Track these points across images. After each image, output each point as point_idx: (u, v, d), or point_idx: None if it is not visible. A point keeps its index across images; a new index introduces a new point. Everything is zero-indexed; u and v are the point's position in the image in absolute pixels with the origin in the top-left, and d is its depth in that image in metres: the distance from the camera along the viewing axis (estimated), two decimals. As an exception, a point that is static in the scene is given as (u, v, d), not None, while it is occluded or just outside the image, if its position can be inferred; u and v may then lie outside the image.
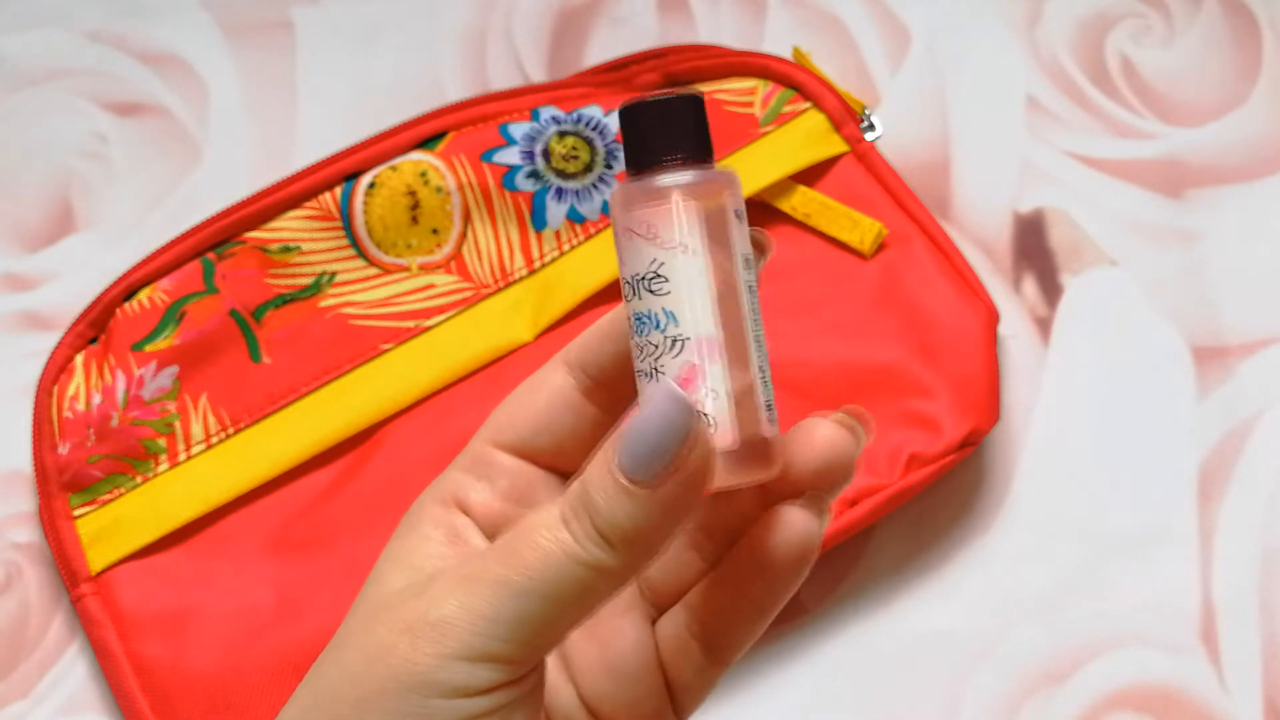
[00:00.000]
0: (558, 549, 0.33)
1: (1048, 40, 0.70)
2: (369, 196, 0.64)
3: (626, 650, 0.38)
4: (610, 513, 0.33)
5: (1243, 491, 0.62)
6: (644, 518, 0.33)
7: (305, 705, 0.35)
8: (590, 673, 0.38)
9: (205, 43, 0.71)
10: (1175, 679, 0.60)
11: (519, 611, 0.33)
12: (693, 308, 0.34)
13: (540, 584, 0.33)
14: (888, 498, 0.60)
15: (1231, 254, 0.66)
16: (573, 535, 0.33)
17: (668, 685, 0.39)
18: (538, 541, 0.33)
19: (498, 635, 0.33)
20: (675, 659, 0.38)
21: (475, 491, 0.37)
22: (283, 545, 0.61)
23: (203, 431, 0.62)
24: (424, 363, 0.62)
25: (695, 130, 0.35)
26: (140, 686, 0.59)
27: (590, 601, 0.34)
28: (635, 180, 0.35)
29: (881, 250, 0.64)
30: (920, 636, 0.61)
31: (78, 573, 0.60)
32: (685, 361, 0.34)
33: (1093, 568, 0.62)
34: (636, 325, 0.34)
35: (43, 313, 0.67)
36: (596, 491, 0.33)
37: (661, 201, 0.34)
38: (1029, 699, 0.60)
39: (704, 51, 0.67)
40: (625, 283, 0.35)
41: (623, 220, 0.34)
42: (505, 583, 0.33)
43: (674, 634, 0.39)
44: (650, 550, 0.34)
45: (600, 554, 0.33)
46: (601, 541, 0.33)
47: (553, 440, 0.38)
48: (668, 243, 0.33)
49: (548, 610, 0.33)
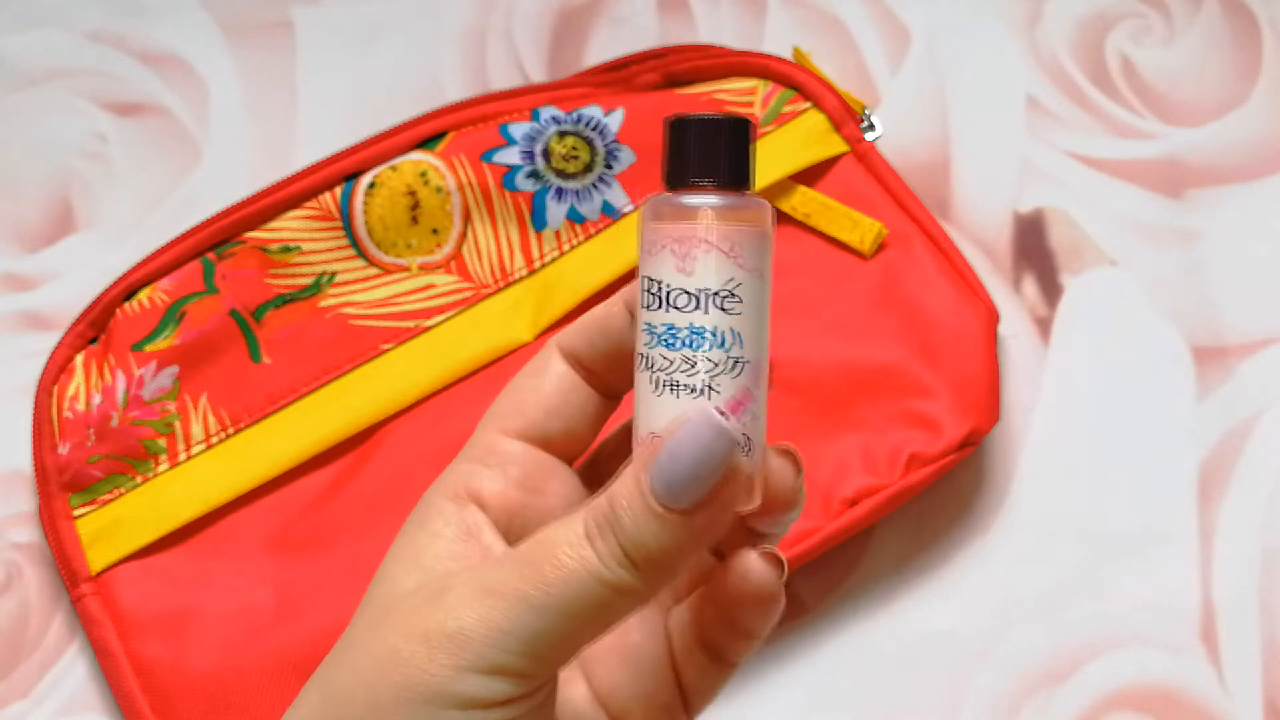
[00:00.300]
0: (580, 567, 0.33)
1: (1048, 40, 0.70)
2: (369, 196, 0.64)
3: (641, 641, 0.38)
4: (637, 534, 0.33)
5: (1243, 491, 0.62)
6: (672, 541, 0.33)
7: (313, 707, 0.35)
8: (605, 663, 0.38)
9: (205, 43, 0.71)
10: (1175, 679, 0.60)
11: (537, 628, 0.33)
12: (757, 332, 0.34)
13: (560, 601, 0.33)
14: (888, 498, 0.60)
15: (1231, 254, 0.66)
16: (596, 554, 0.33)
17: (678, 682, 0.39)
18: (560, 559, 0.33)
19: (514, 650, 0.33)
20: (684, 657, 0.38)
21: (489, 481, 0.37)
22: (283, 545, 0.61)
23: (203, 431, 0.62)
24: (424, 363, 0.62)
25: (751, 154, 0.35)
26: (140, 686, 0.59)
27: (609, 619, 0.33)
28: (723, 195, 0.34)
29: (881, 250, 0.64)
30: (920, 636, 0.61)
31: (78, 573, 0.60)
32: (742, 385, 0.34)
33: (1093, 568, 0.62)
34: (691, 337, 0.34)
35: (43, 313, 0.67)
36: (624, 512, 0.33)
37: (753, 225, 0.34)
38: (1029, 699, 0.60)
39: (704, 51, 0.67)
40: (685, 293, 0.34)
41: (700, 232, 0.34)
42: (524, 598, 0.33)
43: (680, 635, 0.39)
44: (675, 573, 0.33)
45: (624, 575, 0.33)
46: (626, 562, 0.33)
47: (564, 424, 0.38)
48: (748, 264, 0.33)
49: (566, 627, 0.33)
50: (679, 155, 0.35)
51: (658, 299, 0.34)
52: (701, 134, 0.34)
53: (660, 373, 0.34)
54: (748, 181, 0.35)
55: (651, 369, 0.34)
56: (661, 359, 0.34)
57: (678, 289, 0.34)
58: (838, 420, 0.61)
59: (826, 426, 0.61)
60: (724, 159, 0.35)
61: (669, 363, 0.34)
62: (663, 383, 0.34)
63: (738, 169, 0.35)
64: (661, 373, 0.34)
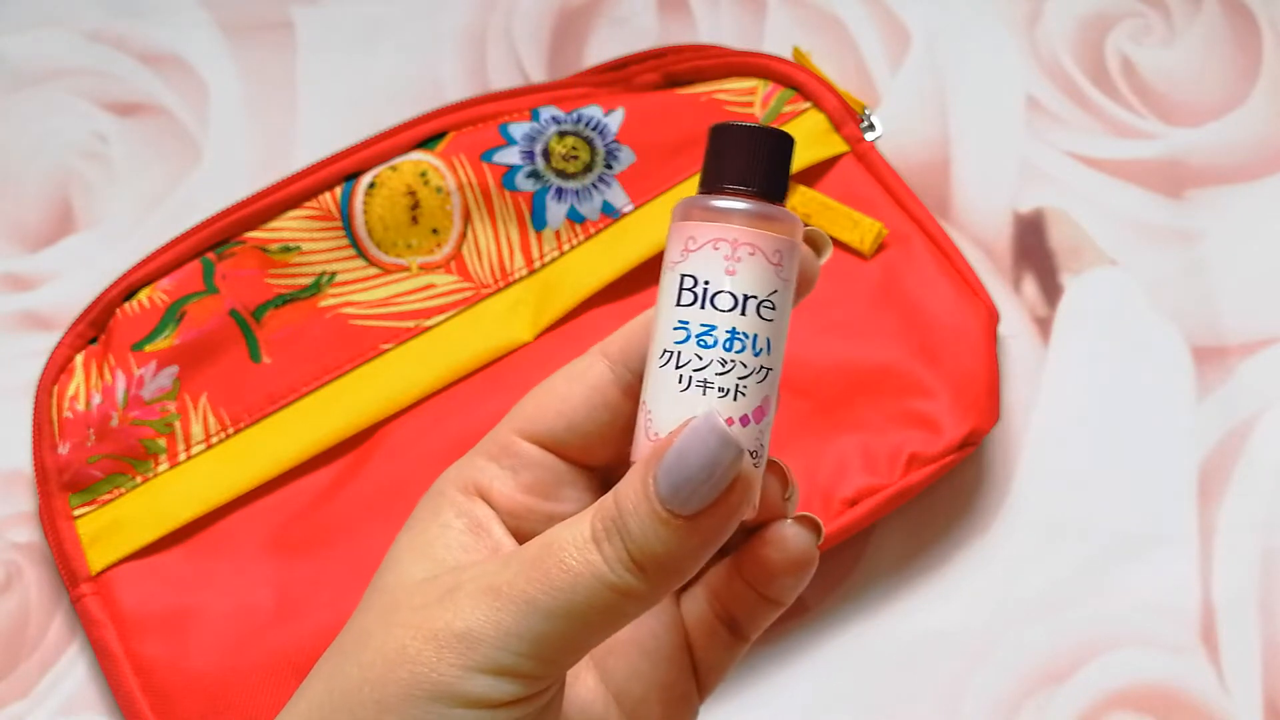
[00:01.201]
0: (587, 571, 0.33)
1: (1048, 40, 0.70)
2: (369, 196, 0.64)
3: (660, 629, 0.38)
4: (644, 539, 0.33)
5: (1243, 491, 0.62)
6: (679, 546, 0.33)
7: (319, 701, 0.35)
8: (623, 655, 0.38)
9: (205, 43, 0.71)
10: (1175, 679, 0.60)
11: (544, 631, 0.33)
12: (780, 344, 0.34)
13: (567, 605, 0.33)
14: (888, 498, 0.60)
15: (1231, 254, 0.66)
16: (604, 558, 0.33)
17: (693, 664, 0.39)
18: (567, 563, 0.33)
19: (521, 652, 0.33)
20: (702, 638, 0.39)
21: (499, 481, 0.37)
22: (283, 545, 0.61)
23: (203, 431, 0.62)
24: (424, 363, 0.62)
25: None
26: (140, 686, 0.59)
27: (616, 623, 0.33)
28: (768, 205, 0.35)
29: (881, 250, 0.64)
30: (920, 636, 0.61)
31: (77, 573, 0.60)
32: (765, 394, 0.34)
33: (1093, 568, 0.62)
34: (730, 339, 0.34)
35: (43, 313, 0.67)
36: (631, 516, 0.33)
37: (793, 237, 0.34)
38: (1029, 699, 0.60)
39: (704, 51, 0.67)
40: (729, 294, 0.34)
41: (750, 236, 0.34)
42: (532, 602, 0.33)
43: (699, 615, 0.39)
44: (682, 577, 0.33)
45: (630, 579, 0.33)
46: (633, 567, 0.33)
47: (583, 439, 0.37)
48: (787, 275, 0.34)
49: (572, 630, 0.33)
50: (733, 158, 0.35)
51: (696, 296, 0.34)
52: (759, 143, 0.35)
53: (691, 370, 0.34)
54: (785, 196, 0.36)
55: (680, 365, 0.34)
56: (695, 357, 0.34)
57: (722, 290, 0.34)
58: (838, 420, 0.61)
59: (826, 426, 0.61)
60: (774, 171, 0.35)
61: (702, 361, 0.34)
62: (694, 380, 0.34)
63: (782, 182, 0.35)
64: (693, 370, 0.34)
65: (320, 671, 0.35)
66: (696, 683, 0.39)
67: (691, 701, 0.39)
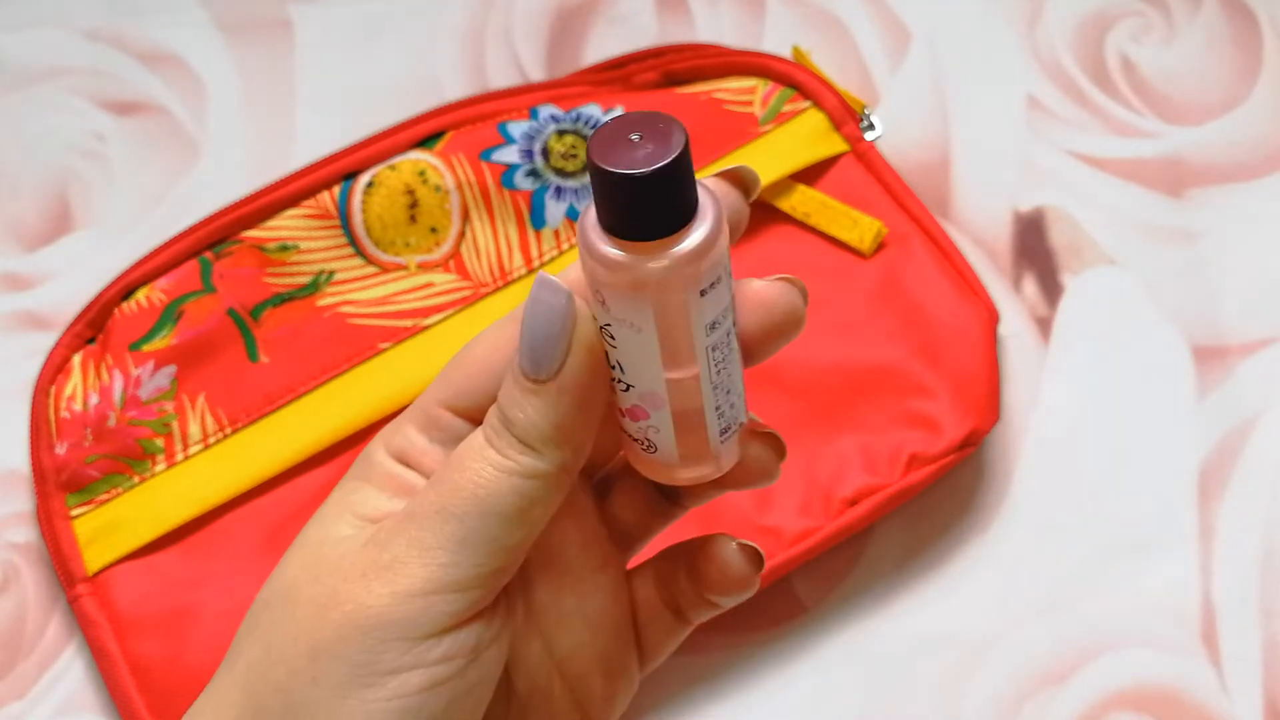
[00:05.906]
0: (488, 466, 0.34)
1: (1048, 40, 0.70)
2: (367, 195, 0.64)
3: (607, 605, 0.38)
4: (525, 418, 0.34)
5: (1243, 491, 0.62)
6: (556, 410, 0.34)
7: (255, 658, 0.35)
8: (568, 626, 0.38)
9: (203, 42, 0.71)
10: (1175, 679, 0.60)
11: (463, 535, 0.33)
12: (636, 368, 0.34)
13: (477, 502, 0.34)
14: (888, 498, 0.60)
15: (1231, 254, 0.66)
16: (498, 451, 0.34)
17: (637, 640, 0.39)
18: (470, 467, 0.34)
19: (446, 563, 0.33)
20: (648, 618, 0.39)
21: (428, 456, 0.36)
22: (280, 545, 0.61)
23: (200, 431, 0.61)
24: (422, 362, 0.62)
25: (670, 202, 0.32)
26: (137, 686, 0.59)
27: (533, 512, 0.34)
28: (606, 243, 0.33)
29: (881, 250, 0.64)
30: (920, 636, 0.61)
31: (74, 573, 0.60)
32: (629, 404, 0.35)
33: (1093, 568, 0.62)
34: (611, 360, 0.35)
35: (40, 312, 0.66)
36: (508, 405, 0.34)
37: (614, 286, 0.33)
38: (1029, 699, 0.60)
39: (703, 51, 0.67)
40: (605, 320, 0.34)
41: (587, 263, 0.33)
42: (443, 510, 0.34)
43: (647, 596, 0.39)
44: (574, 442, 0.34)
45: (527, 459, 0.34)
46: (525, 447, 0.34)
47: None
48: (616, 314, 0.33)
49: (491, 527, 0.34)
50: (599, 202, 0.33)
51: None
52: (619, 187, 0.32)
53: None
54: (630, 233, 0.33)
55: None
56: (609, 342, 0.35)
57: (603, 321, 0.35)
58: (838, 420, 0.61)
59: (827, 426, 0.61)
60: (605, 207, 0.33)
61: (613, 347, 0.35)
62: None
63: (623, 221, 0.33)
64: None
65: (250, 629, 0.35)
66: (639, 658, 0.39)
67: (632, 675, 0.39)
